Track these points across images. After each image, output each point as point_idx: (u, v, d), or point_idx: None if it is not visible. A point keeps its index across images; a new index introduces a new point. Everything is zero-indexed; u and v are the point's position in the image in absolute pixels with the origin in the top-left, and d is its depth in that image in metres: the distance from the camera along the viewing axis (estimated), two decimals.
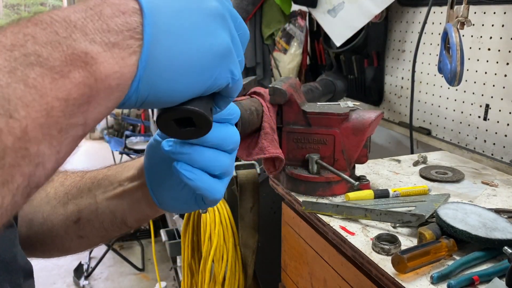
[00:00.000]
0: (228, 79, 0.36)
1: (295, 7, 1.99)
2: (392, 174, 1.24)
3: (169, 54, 0.32)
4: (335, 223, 0.95)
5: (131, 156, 4.75)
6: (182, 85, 0.33)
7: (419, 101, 1.63)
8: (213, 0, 0.35)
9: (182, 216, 2.51)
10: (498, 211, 0.91)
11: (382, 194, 1.04)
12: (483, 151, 1.38)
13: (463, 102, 1.44)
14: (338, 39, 1.75)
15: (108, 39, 0.30)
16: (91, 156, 6.17)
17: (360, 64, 1.85)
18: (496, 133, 1.33)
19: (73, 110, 0.29)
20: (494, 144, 1.34)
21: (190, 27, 0.33)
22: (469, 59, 1.38)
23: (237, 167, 1.43)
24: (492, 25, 1.30)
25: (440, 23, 1.49)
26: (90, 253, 3.43)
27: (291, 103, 1.06)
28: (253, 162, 1.44)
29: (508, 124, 1.29)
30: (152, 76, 0.32)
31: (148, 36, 0.31)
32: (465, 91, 1.43)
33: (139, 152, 4.65)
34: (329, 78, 1.79)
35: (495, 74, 1.31)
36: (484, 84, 1.36)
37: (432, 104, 1.58)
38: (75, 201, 0.57)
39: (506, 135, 1.30)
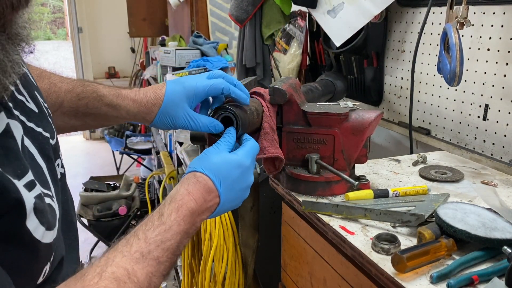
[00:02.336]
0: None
1: (295, 8, 1.99)
2: (391, 174, 1.24)
3: (223, 209, 0.75)
4: (335, 222, 0.96)
5: (132, 156, 4.76)
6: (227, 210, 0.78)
7: (418, 101, 1.63)
8: (249, 180, 0.78)
9: None
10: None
11: (381, 194, 1.04)
12: (483, 151, 1.38)
13: (463, 102, 1.45)
14: (337, 40, 1.75)
15: (209, 210, 0.72)
16: (92, 156, 6.18)
17: (360, 65, 1.85)
18: (495, 133, 1.33)
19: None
20: (493, 144, 1.34)
21: (235, 200, 0.77)
22: (468, 59, 1.38)
23: None
24: (492, 26, 1.31)
25: (440, 24, 1.49)
26: (91, 252, 3.43)
27: (291, 103, 1.06)
28: None
29: (507, 124, 1.29)
30: (218, 213, 0.75)
31: (219, 209, 0.74)
32: (464, 91, 1.43)
33: (139, 152, 4.66)
34: (329, 78, 1.80)
35: (495, 74, 1.32)
36: (483, 84, 1.36)
37: (432, 104, 1.58)
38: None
39: (505, 135, 1.30)
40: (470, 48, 1.38)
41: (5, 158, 0.53)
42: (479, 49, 1.36)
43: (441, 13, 1.48)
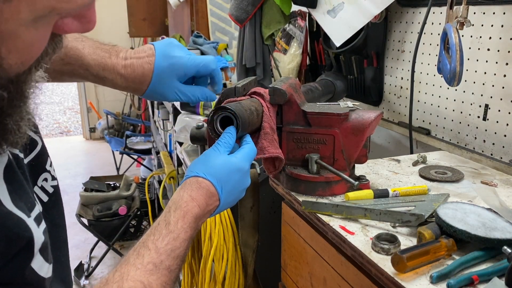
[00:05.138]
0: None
1: (295, 8, 1.99)
2: (391, 174, 1.24)
3: (221, 210, 0.76)
4: (335, 222, 0.96)
5: (132, 156, 4.76)
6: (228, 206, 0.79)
7: (418, 101, 1.63)
8: (247, 183, 0.79)
9: None
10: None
11: (381, 194, 1.04)
12: (483, 151, 1.38)
13: (463, 102, 1.45)
14: (337, 40, 1.75)
15: (209, 213, 0.73)
16: (92, 156, 6.18)
17: (360, 65, 1.85)
18: (495, 133, 1.33)
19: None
20: (493, 144, 1.34)
21: (233, 201, 0.78)
22: (468, 59, 1.38)
23: None
24: (492, 26, 1.31)
25: (440, 24, 1.49)
26: (91, 252, 3.43)
27: (291, 103, 1.06)
28: (253, 162, 1.44)
29: (507, 124, 1.29)
30: (215, 214, 0.76)
31: (217, 211, 0.75)
32: (464, 91, 1.43)
33: (139, 152, 4.66)
34: (329, 78, 1.80)
35: (495, 74, 1.32)
36: (483, 84, 1.36)
37: (432, 104, 1.58)
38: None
39: (505, 135, 1.30)
40: (470, 48, 1.38)
41: (15, 193, 0.52)
42: (479, 49, 1.36)
43: (441, 13, 1.48)
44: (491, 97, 1.34)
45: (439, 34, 1.37)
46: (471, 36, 1.37)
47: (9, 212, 0.50)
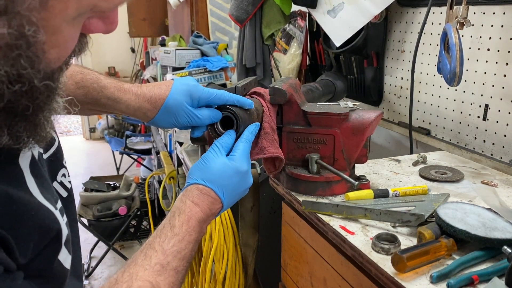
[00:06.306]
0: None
1: (295, 8, 1.99)
2: (391, 174, 1.24)
3: (227, 207, 0.79)
4: (335, 222, 0.96)
5: (132, 156, 4.75)
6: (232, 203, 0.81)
7: (418, 101, 1.63)
8: (248, 183, 0.81)
9: None
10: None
11: (381, 194, 1.04)
12: (483, 151, 1.39)
13: (463, 102, 1.45)
14: (337, 40, 1.75)
15: (213, 216, 0.76)
16: (92, 156, 6.18)
17: (360, 65, 1.85)
18: (495, 133, 1.33)
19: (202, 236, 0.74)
20: (493, 144, 1.34)
21: (235, 201, 0.81)
22: (468, 59, 1.38)
23: None
24: (492, 26, 1.31)
25: (440, 24, 1.50)
26: (91, 252, 3.43)
27: (291, 103, 1.06)
28: (253, 162, 1.44)
29: (507, 124, 1.29)
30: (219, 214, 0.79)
31: (221, 212, 0.78)
32: (464, 91, 1.43)
33: (139, 152, 4.66)
34: (329, 78, 1.80)
35: (495, 74, 1.32)
36: (483, 84, 1.36)
37: (432, 104, 1.58)
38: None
39: (505, 135, 1.30)
40: (470, 48, 1.38)
41: (42, 186, 0.54)
42: (479, 49, 1.36)
43: (441, 13, 1.48)
44: (491, 97, 1.34)
45: (439, 34, 1.37)
46: (471, 36, 1.37)
47: (40, 203, 0.52)
